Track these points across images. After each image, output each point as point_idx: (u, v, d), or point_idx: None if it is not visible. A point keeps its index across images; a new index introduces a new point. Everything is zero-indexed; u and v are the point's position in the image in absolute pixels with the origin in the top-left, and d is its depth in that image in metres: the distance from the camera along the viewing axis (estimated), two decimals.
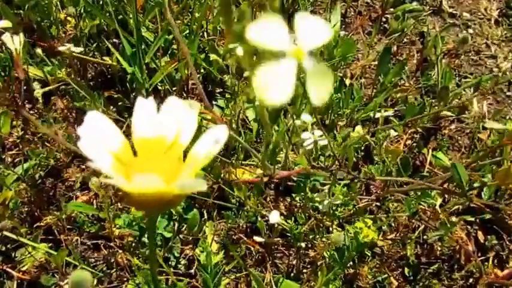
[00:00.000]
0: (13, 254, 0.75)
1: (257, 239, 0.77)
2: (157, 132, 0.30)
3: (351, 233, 0.68)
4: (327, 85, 0.25)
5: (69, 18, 0.92)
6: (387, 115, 0.85)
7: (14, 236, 0.72)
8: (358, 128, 0.84)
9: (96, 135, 0.28)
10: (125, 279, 0.74)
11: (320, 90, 0.25)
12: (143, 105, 0.31)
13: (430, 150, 0.91)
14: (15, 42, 0.56)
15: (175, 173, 0.28)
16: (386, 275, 0.77)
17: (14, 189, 0.76)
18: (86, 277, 0.40)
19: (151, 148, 0.30)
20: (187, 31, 0.92)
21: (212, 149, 0.28)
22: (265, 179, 0.76)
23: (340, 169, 0.71)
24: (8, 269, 0.72)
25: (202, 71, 0.94)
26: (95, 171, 0.81)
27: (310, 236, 0.76)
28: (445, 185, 0.74)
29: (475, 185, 0.70)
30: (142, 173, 0.27)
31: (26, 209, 0.78)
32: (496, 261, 0.82)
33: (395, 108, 0.96)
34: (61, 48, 0.75)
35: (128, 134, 0.31)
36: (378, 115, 0.85)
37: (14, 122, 0.84)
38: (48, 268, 0.74)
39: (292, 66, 0.25)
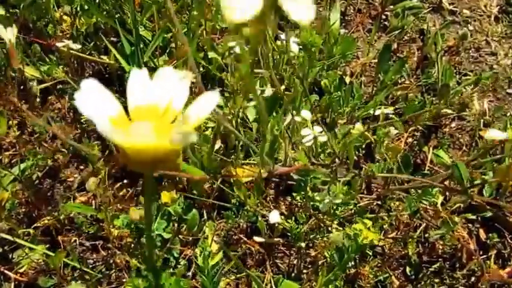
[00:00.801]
0: (10, 256, 0.74)
1: (257, 239, 0.76)
2: (150, 100, 0.32)
3: (350, 235, 0.67)
4: (305, 5, 0.25)
5: (65, 17, 0.91)
6: (387, 112, 0.84)
7: (11, 238, 0.71)
8: (358, 125, 0.83)
9: (93, 101, 0.29)
10: (124, 280, 0.73)
11: (300, 7, 0.25)
12: (137, 76, 0.32)
13: (431, 148, 0.91)
14: (9, 34, 0.56)
15: (168, 132, 0.29)
16: (387, 275, 0.76)
17: (10, 190, 0.75)
18: None
19: (145, 115, 0.31)
20: (186, 29, 0.91)
21: (204, 110, 0.29)
22: (265, 175, 0.75)
23: (340, 166, 0.71)
24: (5, 271, 0.72)
25: (201, 69, 0.93)
26: (93, 171, 0.81)
27: (311, 236, 0.76)
28: (446, 183, 0.74)
29: (476, 182, 0.69)
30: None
31: (23, 210, 0.77)
32: (497, 259, 0.81)
33: (396, 106, 0.95)
34: (59, 45, 0.74)
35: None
36: (378, 112, 0.84)
37: (10, 122, 0.83)
38: (46, 270, 0.73)
39: None
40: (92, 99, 0.29)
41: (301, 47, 0.78)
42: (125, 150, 0.28)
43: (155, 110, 0.31)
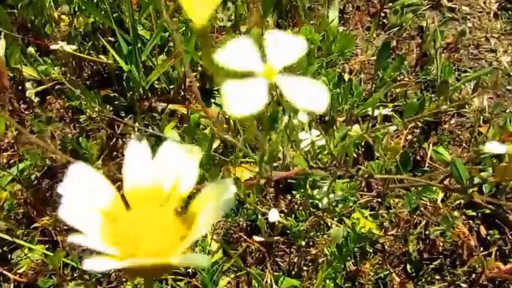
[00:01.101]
0: (9, 256, 0.74)
1: (257, 238, 0.76)
2: (152, 180, 0.27)
3: (348, 226, 0.67)
4: (317, 91, 0.24)
5: (63, 16, 0.91)
6: (386, 113, 0.84)
7: (10, 238, 0.71)
8: (356, 127, 0.83)
9: (81, 191, 0.25)
10: (124, 279, 0.73)
11: (310, 98, 0.23)
12: (136, 150, 0.27)
13: (431, 145, 0.91)
14: None
15: (174, 236, 0.24)
16: (388, 272, 0.76)
17: (9, 190, 0.75)
18: None
19: (145, 199, 0.26)
20: (184, 28, 0.91)
21: (218, 210, 0.24)
22: (263, 181, 0.75)
23: (338, 168, 0.70)
24: (5, 272, 0.71)
25: (199, 68, 0.93)
26: None
27: (311, 234, 0.76)
28: (447, 180, 0.73)
29: (476, 180, 0.69)
30: (135, 230, 0.24)
31: (22, 210, 0.77)
32: (498, 255, 0.81)
33: (395, 103, 0.95)
34: (53, 47, 0.74)
35: (124, 133, 0.29)
36: (376, 113, 0.84)
37: (8, 122, 0.83)
38: (45, 270, 0.73)
39: (262, 84, 0.23)
40: (80, 189, 0.25)
41: None
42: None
43: (157, 192, 0.26)
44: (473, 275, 0.77)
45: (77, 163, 0.26)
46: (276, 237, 0.77)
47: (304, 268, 0.76)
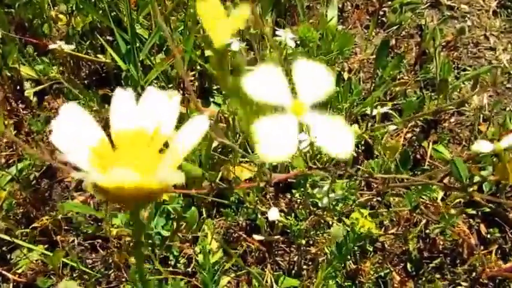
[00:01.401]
0: (8, 256, 0.73)
1: (257, 237, 0.76)
2: (136, 124, 0.29)
3: (348, 225, 0.67)
4: (342, 136, 0.23)
5: (60, 15, 0.90)
6: (385, 111, 0.84)
7: (9, 238, 0.70)
8: (355, 127, 0.83)
9: (72, 128, 0.27)
10: (123, 279, 0.73)
11: (336, 142, 0.23)
12: (121, 97, 0.30)
13: (431, 144, 0.90)
14: None
15: (155, 165, 0.26)
16: (388, 270, 0.76)
17: (8, 190, 0.74)
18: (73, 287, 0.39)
19: (130, 141, 0.28)
20: (182, 27, 0.91)
21: (192, 140, 0.26)
22: (262, 184, 0.75)
23: (338, 168, 0.70)
24: (4, 272, 0.71)
25: (198, 67, 0.93)
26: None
27: (311, 233, 0.75)
28: (447, 179, 0.73)
29: (476, 178, 0.69)
30: (121, 165, 0.26)
31: (21, 210, 0.77)
32: (498, 254, 0.81)
33: (394, 102, 0.95)
34: (52, 46, 0.74)
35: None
36: (375, 112, 0.84)
37: (6, 122, 0.82)
38: (44, 270, 0.72)
39: (292, 122, 0.23)
40: (70, 127, 0.27)
41: (298, 42, 0.78)
42: (105, 188, 0.25)
43: (142, 135, 0.29)
44: (474, 274, 0.77)
45: (69, 103, 0.28)
46: (276, 237, 0.76)
47: (304, 267, 0.76)
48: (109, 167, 0.26)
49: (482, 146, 0.58)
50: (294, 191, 0.79)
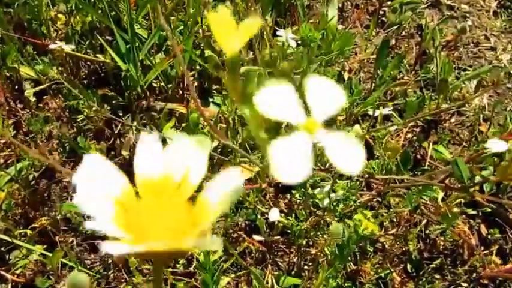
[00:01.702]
0: (7, 257, 0.73)
1: (257, 237, 0.75)
2: (163, 171, 0.27)
3: (350, 227, 0.66)
4: (353, 154, 0.23)
5: (59, 15, 0.90)
6: (386, 113, 0.84)
7: (7, 238, 0.70)
8: (356, 127, 0.83)
9: (95, 180, 0.26)
10: (123, 280, 0.72)
11: (348, 159, 0.23)
12: (147, 142, 0.28)
13: (431, 144, 0.90)
14: None
15: (184, 223, 0.25)
16: (388, 271, 0.76)
17: (7, 191, 0.74)
18: (83, 279, 0.38)
19: (156, 190, 0.27)
20: (182, 27, 0.90)
21: (227, 196, 0.25)
22: (264, 185, 0.75)
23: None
24: (2, 272, 0.71)
25: (198, 67, 0.92)
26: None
27: (311, 233, 0.75)
28: (447, 179, 0.73)
29: (477, 178, 0.68)
30: (147, 219, 0.25)
31: (20, 211, 0.77)
32: (499, 254, 0.80)
33: (395, 102, 0.95)
34: (52, 46, 0.73)
35: (122, 133, 0.29)
36: (377, 113, 0.83)
37: (5, 122, 0.82)
38: (43, 270, 0.72)
39: (306, 141, 0.23)
40: (93, 179, 0.26)
41: (299, 42, 0.78)
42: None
43: (168, 183, 0.27)
44: (474, 274, 0.77)
45: (91, 153, 0.27)
46: (275, 237, 0.76)
47: (305, 267, 0.76)
48: (135, 224, 0.25)
49: (495, 145, 0.58)
50: (294, 191, 0.78)
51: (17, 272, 0.71)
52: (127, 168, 0.28)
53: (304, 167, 0.22)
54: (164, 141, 0.28)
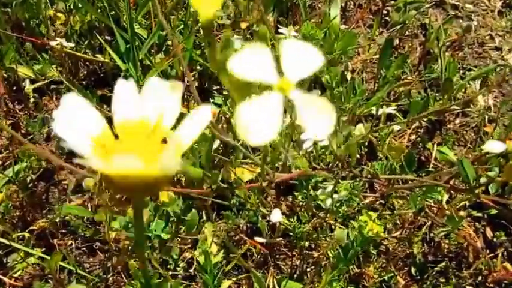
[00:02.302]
0: (5, 260, 0.72)
1: (258, 239, 0.74)
2: (139, 115, 0.29)
3: (355, 228, 0.65)
4: (324, 117, 0.23)
5: (58, 14, 0.89)
6: (389, 112, 0.82)
7: (5, 241, 0.69)
8: (360, 126, 0.81)
9: (74, 118, 0.27)
10: (122, 283, 0.71)
11: (317, 122, 0.23)
12: (124, 87, 0.30)
13: (435, 145, 0.89)
14: None
15: (157, 156, 0.26)
16: (392, 274, 0.74)
17: (4, 193, 0.73)
18: None
19: (133, 131, 0.28)
20: (182, 26, 0.89)
21: (196, 129, 0.26)
22: (265, 184, 0.73)
23: (342, 169, 0.69)
24: (0, 276, 0.70)
25: (198, 67, 0.91)
26: (89, 171, 0.79)
27: (314, 235, 0.74)
28: (452, 181, 0.72)
29: (482, 180, 0.67)
30: (123, 154, 0.26)
31: (18, 213, 0.76)
32: (505, 257, 0.79)
33: (399, 103, 0.93)
34: (52, 43, 0.72)
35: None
36: (380, 111, 0.82)
37: (4, 123, 0.81)
38: (41, 274, 0.71)
39: (277, 100, 0.23)
40: (73, 117, 0.27)
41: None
42: (109, 177, 0.25)
43: (144, 125, 0.29)
44: (480, 278, 0.76)
45: (71, 93, 0.28)
46: (277, 239, 0.75)
47: (307, 270, 0.75)
48: (111, 156, 0.26)
49: (494, 146, 0.57)
50: (296, 193, 0.77)
51: (15, 275, 0.70)
52: None
53: (273, 127, 0.22)
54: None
